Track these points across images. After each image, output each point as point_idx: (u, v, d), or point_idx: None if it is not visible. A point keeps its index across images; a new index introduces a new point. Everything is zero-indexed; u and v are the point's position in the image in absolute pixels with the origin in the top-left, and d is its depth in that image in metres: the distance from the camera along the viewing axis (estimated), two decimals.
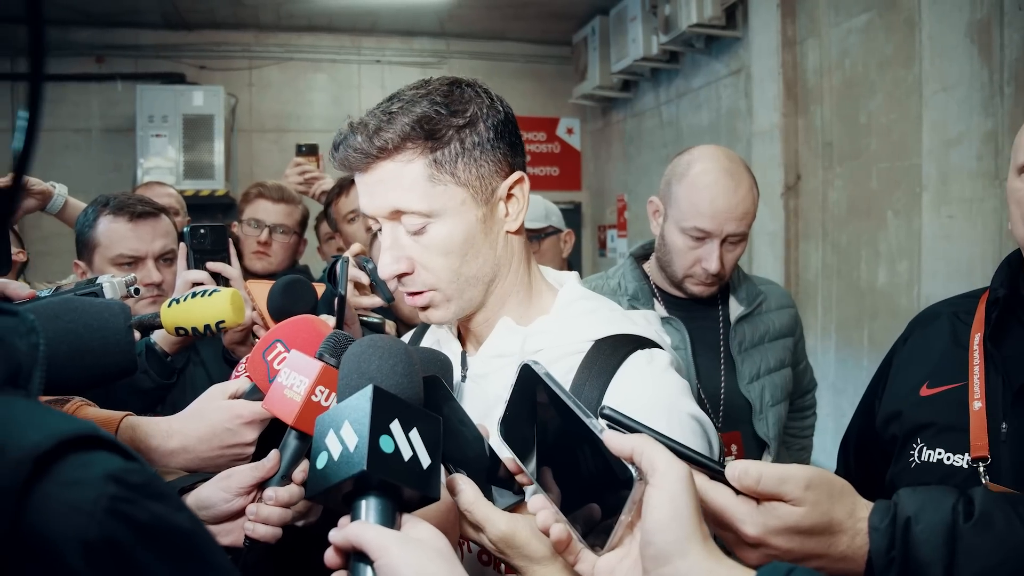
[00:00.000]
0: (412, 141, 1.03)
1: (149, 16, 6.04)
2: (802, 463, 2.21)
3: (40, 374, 0.61)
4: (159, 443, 1.13)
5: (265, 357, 1.09)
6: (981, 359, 1.22)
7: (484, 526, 0.84)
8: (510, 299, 1.15)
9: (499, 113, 1.10)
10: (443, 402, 0.92)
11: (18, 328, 0.61)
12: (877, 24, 3.66)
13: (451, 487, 0.85)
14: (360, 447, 0.72)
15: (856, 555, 0.84)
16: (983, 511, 0.86)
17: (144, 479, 0.53)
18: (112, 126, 6.21)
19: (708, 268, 1.84)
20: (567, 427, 0.79)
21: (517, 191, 1.10)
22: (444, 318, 1.13)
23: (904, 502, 0.87)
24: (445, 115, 1.04)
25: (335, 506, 0.77)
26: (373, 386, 0.75)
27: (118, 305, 1.11)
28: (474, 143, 1.05)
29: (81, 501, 0.49)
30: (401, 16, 6.32)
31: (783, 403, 1.99)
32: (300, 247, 2.96)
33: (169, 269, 1.93)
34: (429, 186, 1.04)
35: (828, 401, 3.82)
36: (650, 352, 1.10)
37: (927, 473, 1.20)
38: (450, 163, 1.04)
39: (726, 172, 1.83)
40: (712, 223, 1.82)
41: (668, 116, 5.81)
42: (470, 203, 1.06)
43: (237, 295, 1.46)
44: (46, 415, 0.54)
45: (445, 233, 1.06)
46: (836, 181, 3.99)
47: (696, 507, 0.70)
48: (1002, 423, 1.15)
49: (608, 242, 6.95)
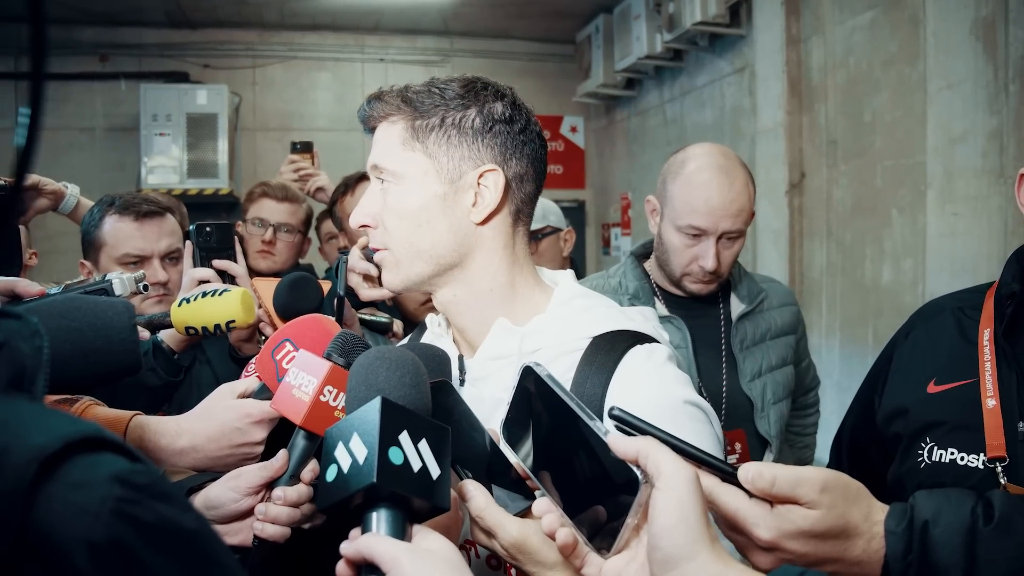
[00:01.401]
0: (403, 106, 1.12)
1: (153, 15, 6.05)
2: (805, 461, 2.22)
3: (44, 377, 0.61)
4: (168, 442, 1.13)
5: (274, 356, 1.09)
6: (992, 355, 1.18)
7: (496, 532, 0.83)
8: (488, 297, 1.15)
9: (504, 113, 1.11)
10: (453, 406, 0.92)
11: (22, 331, 0.61)
12: (881, 21, 3.65)
13: (462, 493, 0.85)
14: (370, 459, 0.72)
15: (872, 559, 0.82)
16: (1003, 514, 0.84)
17: (150, 480, 0.53)
18: (116, 125, 6.23)
19: (705, 266, 1.84)
20: (570, 429, 0.78)
21: (488, 183, 1.11)
22: (392, 283, 1.17)
23: (921, 505, 0.85)
24: (439, 95, 1.11)
25: (346, 518, 0.77)
26: (381, 398, 0.75)
27: (122, 304, 1.11)
28: (454, 123, 1.10)
29: (87, 502, 0.49)
30: (405, 15, 6.32)
31: (785, 401, 1.98)
32: (304, 246, 2.96)
33: (175, 268, 1.94)
34: (401, 149, 1.11)
35: (833, 399, 3.82)
36: (649, 347, 1.10)
37: (940, 473, 1.17)
38: (424, 134, 1.10)
39: (720, 169, 1.83)
40: (707, 220, 1.81)
41: (672, 114, 5.80)
42: (432, 176, 1.10)
43: (247, 295, 1.46)
44: (51, 417, 0.54)
45: (402, 197, 1.11)
46: (840, 179, 3.99)
47: (703, 510, 0.69)
48: (1019, 422, 1.12)
49: (612, 240, 6.95)
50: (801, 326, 2.13)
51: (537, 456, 0.83)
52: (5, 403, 0.55)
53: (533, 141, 1.15)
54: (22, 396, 0.59)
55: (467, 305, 1.16)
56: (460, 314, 1.17)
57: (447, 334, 1.24)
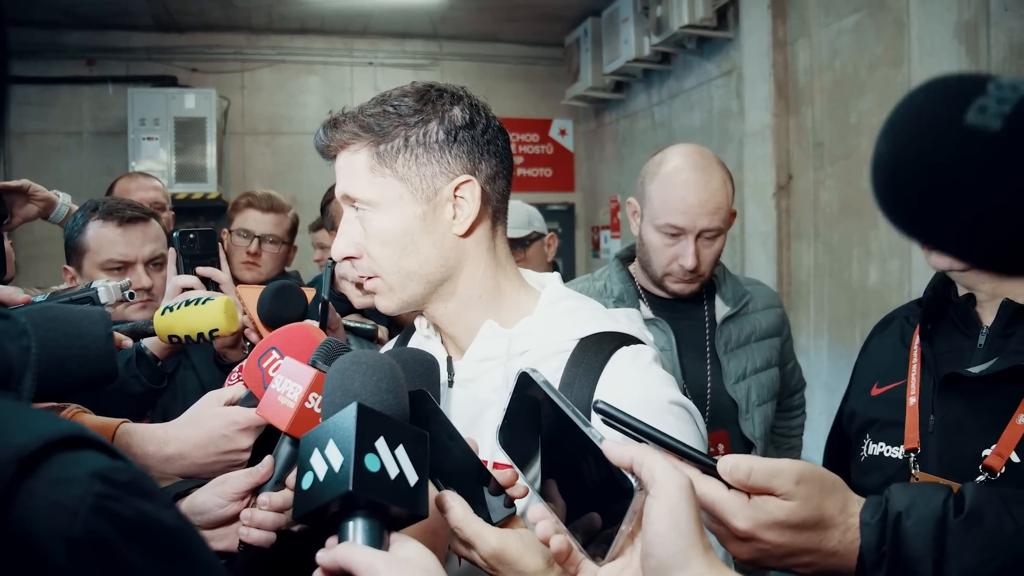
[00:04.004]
0: (362, 134, 1.10)
1: (140, 18, 6.02)
2: None
3: (31, 377, 0.61)
4: (156, 449, 1.14)
5: (261, 364, 1.10)
6: (918, 358, 1.29)
7: (475, 543, 0.83)
8: (477, 303, 1.15)
9: (464, 117, 1.10)
10: (431, 416, 0.91)
11: (9, 331, 0.61)
12: (866, 24, 3.68)
13: (440, 504, 0.85)
14: (345, 466, 0.71)
15: (847, 550, 0.84)
16: (973, 507, 0.86)
17: (130, 477, 0.53)
18: (103, 129, 6.20)
19: (685, 264, 1.86)
20: (566, 435, 0.78)
21: (465, 194, 1.10)
22: (389, 307, 1.16)
23: (895, 497, 0.87)
24: (395, 114, 1.09)
25: (322, 527, 0.76)
26: (357, 404, 0.74)
27: (98, 313, 1.11)
28: (418, 141, 1.09)
29: (66, 498, 0.49)
30: (394, 18, 6.32)
31: (770, 403, 1.99)
32: (290, 255, 2.96)
33: (159, 273, 1.93)
34: (371, 176, 1.09)
35: (821, 399, 3.84)
36: (635, 348, 1.12)
37: (871, 466, 1.29)
38: (391, 157, 1.09)
39: (696, 168, 1.85)
40: (684, 219, 1.84)
41: (660, 117, 5.82)
42: (408, 198, 1.09)
43: (231, 304, 1.46)
44: (35, 417, 0.54)
45: (382, 224, 1.10)
46: (827, 181, 4.01)
47: (697, 518, 0.70)
48: (930, 415, 1.22)
49: (601, 243, 6.96)
50: (786, 328, 2.14)
51: (531, 462, 0.83)
52: None
53: (496, 139, 1.14)
54: (8, 396, 0.59)
55: (457, 314, 1.17)
56: (451, 323, 1.18)
57: (435, 336, 1.24)
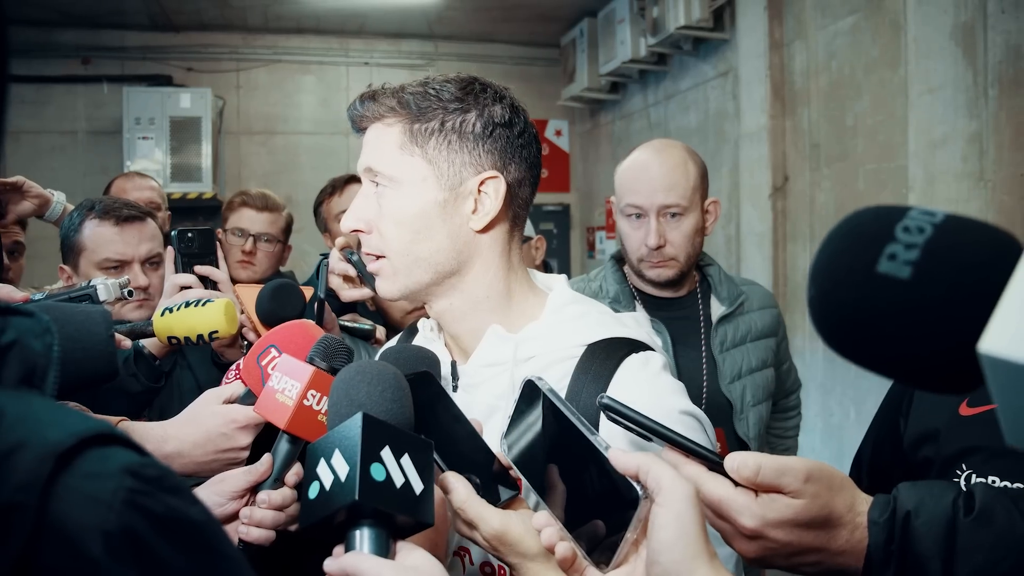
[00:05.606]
0: (399, 109, 1.08)
1: (135, 17, 6.00)
2: None
3: (55, 374, 0.62)
4: (154, 448, 1.13)
5: (259, 362, 1.10)
6: None
7: (477, 524, 0.83)
8: (483, 304, 1.13)
9: (504, 116, 1.10)
10: (436, 399, 0.91)
11: (33, 328, 0.62)
12: (863, 26, 3.69)
13: (443, 485, 0.85)
14: (351, 476, 0.72)
15: (855, 549, 0.83)
16: (983, 506, 0.85)
17: (159, 473, 0.54)
18: (98, 128, 6.17)
19: (648, 243, 1.89)
20: (571, 443, 0.78)
21: (489, 190, 1.09)
22: (390, 292, 1.13)
23: (904, 496, 0.86)
24: (436, 97, 1.08)
25: (329, 535, 0.76)
26: (363, 413, 0.75)
27: (99, 312, 1.11)
28: (454, 128, 1.07)
29: (100, 492, 0.50)
30: (389, 18, 6.32)
31: (765, 403, 1.99)
32: (285, 254, 2.96)
33: (156, 273, 1.92)
34: (399, 153, 1.08)
35: (816, 400, 3.84)
36: (644, 356, 1.09)
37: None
38: (423, 138, 1.07)
39: (655, 150, 1.94)
40: (641, 197, 1.89)
41: (656, 118, 5.83)
42: (431, 182, 1.07)
43: (231, 306, 1.45)
44: (65, 414, 0.56)
45: (400, 203, 1.08)
46: (823, 182, 4.02)
47: (702, 526, 0.70)
48: None
49: (597, 244, 6.96)
50: (782, 329, 2.14)
51: (537, 469, 0.84)
52: (19, 399, 0.56)
53: (530, 144, 1.13)
54: (33, 392, 0.60)
55: (462, 313, 1.14)
56: (455, 321, 1.16)
57: (439, 339, 1.22)
